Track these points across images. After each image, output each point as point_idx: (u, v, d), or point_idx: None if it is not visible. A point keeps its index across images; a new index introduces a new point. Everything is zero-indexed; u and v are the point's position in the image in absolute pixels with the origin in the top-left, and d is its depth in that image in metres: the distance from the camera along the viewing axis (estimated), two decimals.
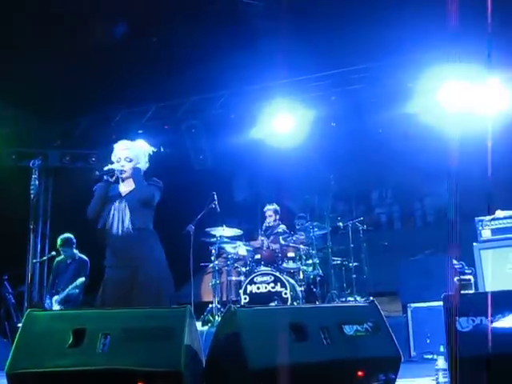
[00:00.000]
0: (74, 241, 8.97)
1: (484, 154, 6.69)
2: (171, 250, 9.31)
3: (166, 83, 9.34)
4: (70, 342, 3.50)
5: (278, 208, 9.48)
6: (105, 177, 5.01)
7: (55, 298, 8.62)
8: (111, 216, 4.95)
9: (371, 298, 8.31)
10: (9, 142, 10.07)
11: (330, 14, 8.09)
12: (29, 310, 3.72)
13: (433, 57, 8.50)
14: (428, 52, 8.51)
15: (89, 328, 3.54)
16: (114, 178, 5.05)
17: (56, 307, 8.44)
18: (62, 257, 9.05)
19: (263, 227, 9.45)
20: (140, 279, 4.83)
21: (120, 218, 4.93)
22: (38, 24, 7.88)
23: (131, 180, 5.14)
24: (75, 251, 9.01)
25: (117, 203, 4.99)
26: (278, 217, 9.43)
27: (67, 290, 8.64)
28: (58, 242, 9.04)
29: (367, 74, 9.27)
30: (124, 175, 5.10)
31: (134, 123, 10.31)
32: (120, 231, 4.90)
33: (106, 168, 5.03)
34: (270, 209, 9.43)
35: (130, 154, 5.14)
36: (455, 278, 4.61)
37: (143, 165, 5.25)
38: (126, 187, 5.13)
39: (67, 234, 8.98)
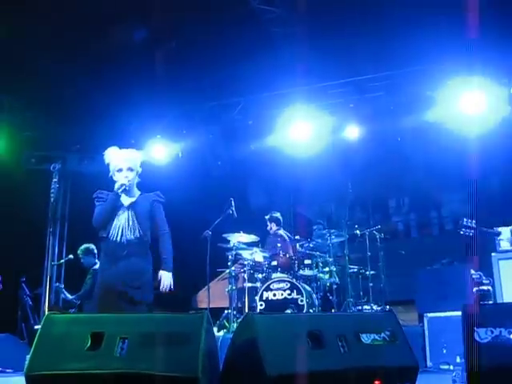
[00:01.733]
0: (95, 251, 9.03)
1: (504, 163, 6.66)
2: (188, 256, 9.40)
3: (184, 89, 9.38)
4: (88, 345, 3.53)
5: (273, 216, 9.46)
6: (118, 191, 5.09)
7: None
8: (115, 225, 5.04)
9: (388, 306, 8.32)
10: (28, 145, 10.15)
11: (349, 21, 8.09)
12: (47, 313, 3.75)
13: (454, 66, 8.45)
14: (449, 61, 8.47)
15: (107, 332, 3.56)
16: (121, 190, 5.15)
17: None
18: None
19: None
20: (126, 287, 4.90)
21: (124, 228, 5.03)
22: (58, 28, 7.96)
23: (132, 190, 5.23)
24: (96, 261, 9.08)
25: (121, 213, 5.09)
26: (273, 225, 9.40)
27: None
28: (79, 250, 9.12)
29: (386, 82, 9.23)
30: (129, 186, 5.16)
31: (152, 128, 10.35)
32: (122, 240, 4.99)
33: (119, 184, 5.09)
34: (266, 219, 9.46)
35: (131, 163, 5.23)
36: (474, 289, 4.58)
37: (139, 172, 5.34)
38: (128, 197, 5.21)
39: (88, 244, 9.05)
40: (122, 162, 5.22)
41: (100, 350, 3.49)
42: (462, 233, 6.51)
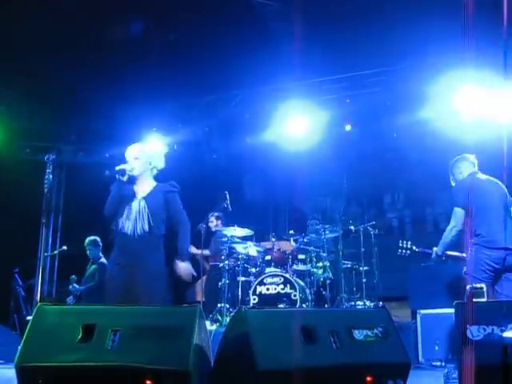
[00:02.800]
0: (100, 244, 9.04)
1: (499, 160, 6.64)
2: None
3: (181, 82, 9.34)
4: (79, 337, 3.51)
5: (220, 214, 9.35)
6: (116, 176, 5.04)
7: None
8: (126, 216, 4.98)
9: (380, 302, 8.33)
10: (23, 135, 10.12)
11: (346, 16, 8.07)
12: (39, 303, 3.73)
13: (449, 61, 8.45)
14: (444, 57, 8.46)
15: (99, 324, 3.55)
16: (125, 178, 5.07)
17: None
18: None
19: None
20: (139, 278, 4.85)
21: (136, 219, 4.96)
22: (55, 20, 7.92)
23: (146, 181, 5.18)
24: (101, 255, 9.08)
25: (133, 204, 5.02)
26: (219, 222, 9.27)
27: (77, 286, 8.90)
28: (87, 241, 9.11)
29: (383, 78, 9.23)
30: (135, 173, 5.12)
31: (149, 121, 10.31)
32: (134, 232, 4.92)
33: (117, 168, 5.06)
34: (213, 215, 9.34)
35: (139, 153, 5.18)
36: (467, 286, 4.59)
37: (158, 165, 5.30)
38: (141, 188, 5.16)
39: (95, 236, 9.08)
40: (128, 152, 5.19)
41: (91, 342, 3.48)
42: (398, 253, 6.80)
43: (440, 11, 7.42)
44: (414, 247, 6.75)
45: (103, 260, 8.91)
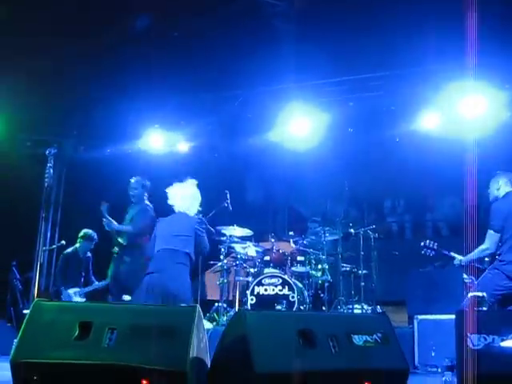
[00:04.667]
0: (96, 238, 9.02)
1: (502, 167, 6.63)
2: None
3: (184, 79, 9.31)
4: (75, 334, 3.48)
5: None
6: None
7: (75, 290, 8.63)
8: None
9: (378, 306, 8.30)
10: (24, 129, 10.06)
11: (351, 20, 8.05)
12: (36, 299, 3.70)
13: (455, 69, 8.40)
14: (450, 64, 8.42)
15: (96, 322, 3.52)
16: None
17: (78, 299, 8.50)
18: (73, 249, 9.05)
19: None
20: None
21: None
22: (58, 15, 7.89)
23: None
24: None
25: None
26: None
27: (98, 283, 8.71)
28: (81, 233, 9.05)
29: (387, 82, 9.17)
30: None
31: (151, 117, 10.27)
32: None
33: None
34: None
35: None
36: (469, 295, 4.56)
37: None
38: None
39: (91, 231, 9.01)
40: None
41: (88, 340, 3.45)
42: (422, 253, 6.78)
43: (444, 18, 7.40)
44: (440, 248, 6.72)
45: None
